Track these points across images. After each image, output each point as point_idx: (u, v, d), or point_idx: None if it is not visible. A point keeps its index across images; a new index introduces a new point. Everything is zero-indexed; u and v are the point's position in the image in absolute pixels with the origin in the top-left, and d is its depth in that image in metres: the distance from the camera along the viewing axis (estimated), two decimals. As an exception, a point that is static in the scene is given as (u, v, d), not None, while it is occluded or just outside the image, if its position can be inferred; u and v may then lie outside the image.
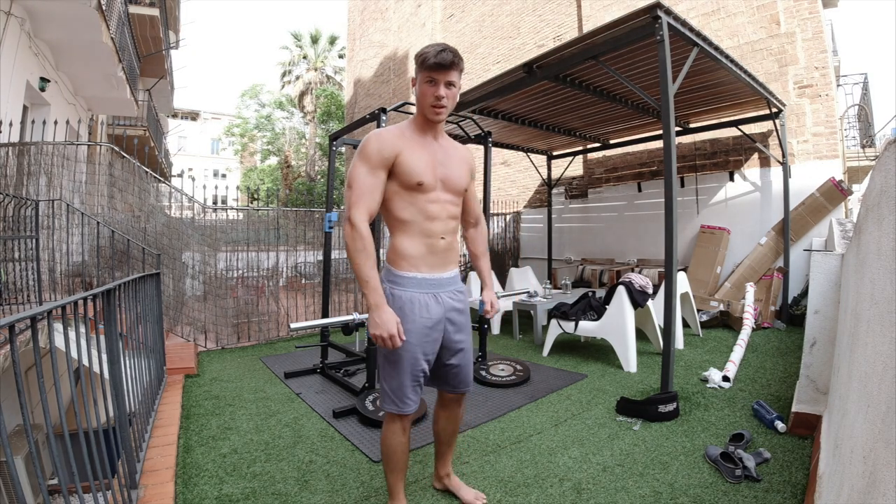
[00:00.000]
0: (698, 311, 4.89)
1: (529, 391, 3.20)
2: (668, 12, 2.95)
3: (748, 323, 4.22)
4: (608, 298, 3.90)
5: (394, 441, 1.66)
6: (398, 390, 1.59)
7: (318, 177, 22.56)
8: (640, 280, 3.84)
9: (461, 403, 1.84)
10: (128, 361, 2.07)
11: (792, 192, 5.28)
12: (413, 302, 1.57)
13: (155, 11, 8.97)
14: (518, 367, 3.59)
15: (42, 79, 5.49)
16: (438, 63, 1.48)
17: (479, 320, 3.70)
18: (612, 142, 6.92)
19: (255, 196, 6.37)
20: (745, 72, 4.06)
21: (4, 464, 2.44)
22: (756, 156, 5.77)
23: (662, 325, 3.21)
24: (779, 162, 5.33)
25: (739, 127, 5.46)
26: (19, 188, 4.06)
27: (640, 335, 4.09)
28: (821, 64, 5.28)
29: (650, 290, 3.87)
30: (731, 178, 5.97)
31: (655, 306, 3.94)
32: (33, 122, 5.50)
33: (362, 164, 1.52)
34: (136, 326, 2.47)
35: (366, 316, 2.87)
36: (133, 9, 8.30)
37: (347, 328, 3.04)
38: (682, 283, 4.35)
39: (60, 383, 2.24)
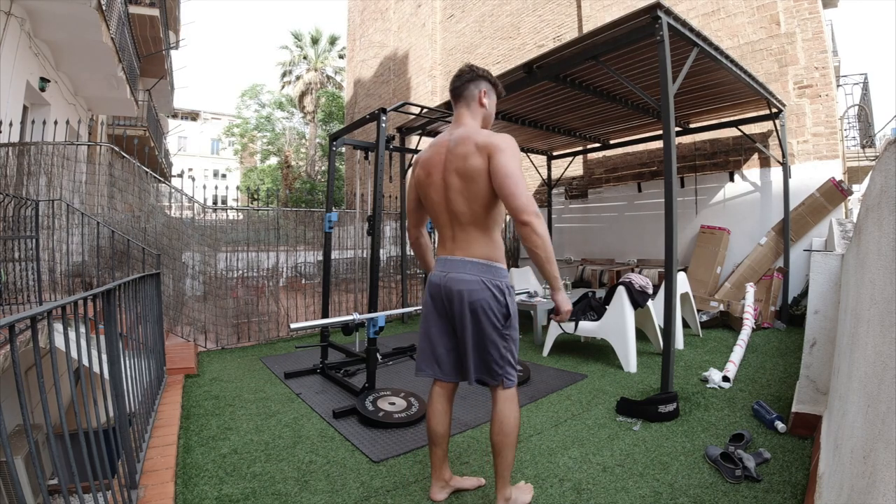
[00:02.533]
0: (698, 311, 4.89)
1: (529, 391, 3.19)
2: (668, 12, 2.96)
3: (748, 323, 4.22)
4: (608, 298, 3.90)
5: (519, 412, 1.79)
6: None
7: (319, 177, 22.56)
8: (640, 280, 3.84)
9: None
10: (128, 361, 2.07)
11: (792, 192, 5.28)
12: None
13: (155, 11, 8.97)
14: (518, 367, 3.58)
15: (42, 79, 5.49)
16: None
17: None
18: (612, 142, 6.92)
19: (255, 196, 6.36)
20: (745, 72, 4.06)
21: (4, 464, 2.44)
22: (756, 156, 5.78)
23: (662, 326, 3.21)
24: (779, 162, 5.33)
25: (739, 127, 5.46)
26: (19, 188, 4.06)
27: (640, 335, 4.09)
28: (821, 64, 5.28)
29: (650, 291, 3.87)
30: (731, 179, 5.97)
31: (655, 306, 3.94)
32: (33, 122, 5.50)
33: (518, 162, 1.62)
34: (136, 326, 2.47)
35: (367, 316, 2.91)
36: (133, 9, 8.30)
37: (347, 328, 3.06)
38: (682, 283, 4.35)
39: (60, 383, 2.24)
